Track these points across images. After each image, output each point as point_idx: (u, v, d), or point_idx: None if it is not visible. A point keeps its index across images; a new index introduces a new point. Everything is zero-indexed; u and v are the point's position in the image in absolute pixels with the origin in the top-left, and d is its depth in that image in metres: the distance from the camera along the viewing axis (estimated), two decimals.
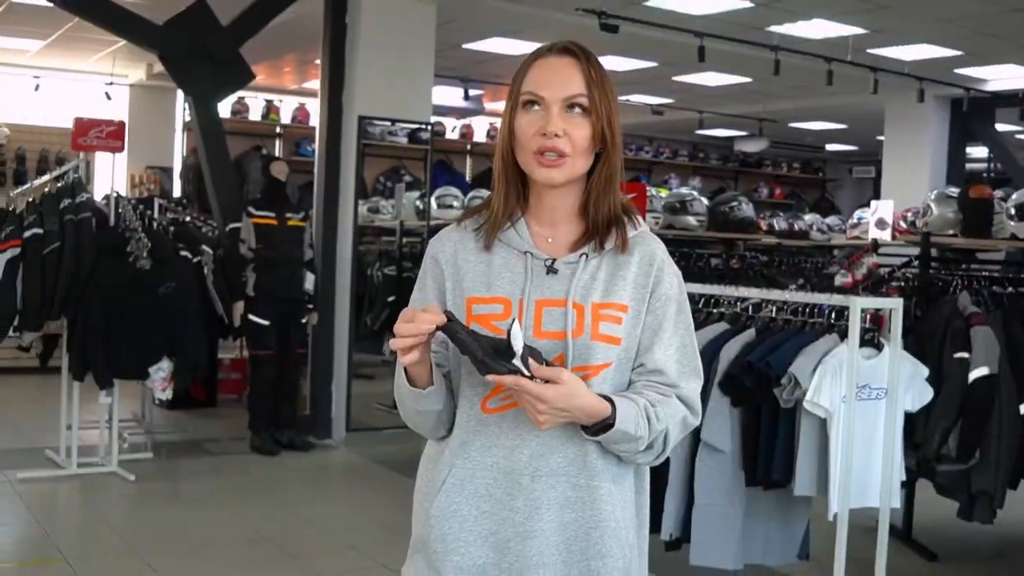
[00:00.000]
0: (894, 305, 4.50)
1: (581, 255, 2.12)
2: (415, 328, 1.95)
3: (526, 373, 1.93)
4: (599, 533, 2.08)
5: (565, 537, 2.07)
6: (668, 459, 4.53)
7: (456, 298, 2.13)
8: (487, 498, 2.08)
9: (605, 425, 2.00)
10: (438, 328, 1.96)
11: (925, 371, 4.75)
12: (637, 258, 2.15)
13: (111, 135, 7.56)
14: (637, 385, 2.12)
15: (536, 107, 2.08)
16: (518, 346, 1.93)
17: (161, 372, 7.24)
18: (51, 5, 8.76)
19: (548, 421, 1.96)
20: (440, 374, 2.10)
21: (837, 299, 4.47)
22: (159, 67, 11.70)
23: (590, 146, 2.10)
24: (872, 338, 4.48)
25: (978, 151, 16.07)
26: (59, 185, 7.31)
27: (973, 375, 5.41)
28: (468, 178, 16.30)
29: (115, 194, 7.53)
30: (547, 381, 1.94)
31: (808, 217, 11.68)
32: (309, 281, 8.33)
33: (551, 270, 2.11)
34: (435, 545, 2.10)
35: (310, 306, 8.41)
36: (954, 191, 7.10)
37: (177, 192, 14.21)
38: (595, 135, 2.09)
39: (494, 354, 1.94)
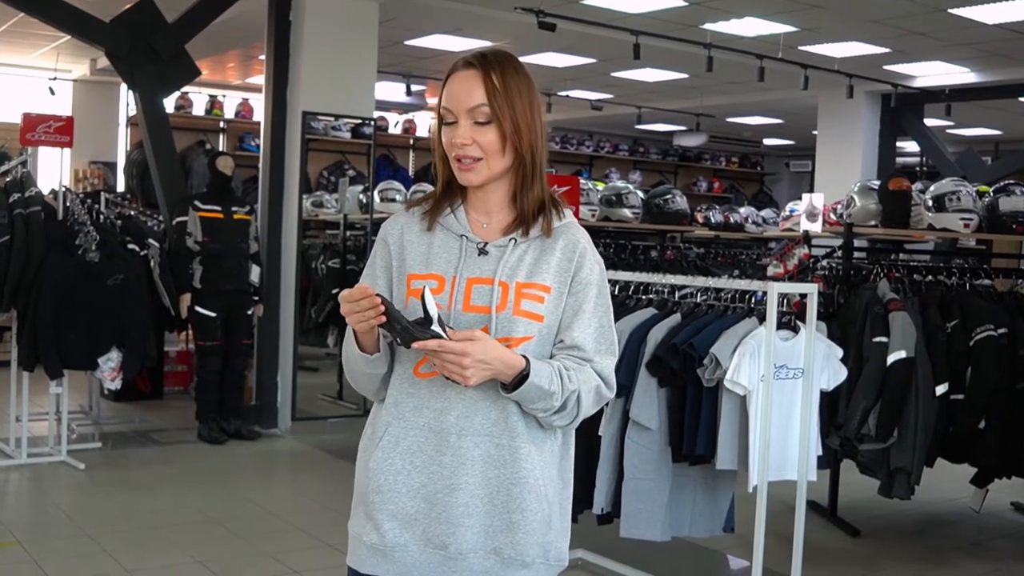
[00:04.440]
0: (810, 290, 4.77)
1: (510, 239, 2.37)
2: (363, 317, 2.19)
3: (444, 336, 2.17)
4: (519, 489, 2.31)
5: (488, 491, 2.31)
6: (599, 437, 4.80)
7: (399, 274, 2.39)
8: (419, 454, 2.32)
9: (522, 377, 2.22)
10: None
11: (839, 352, 5.01)
12: (561, 245, 2.39)
13: (59, 130, 7.66)
14: (555, 357, 2.35)
15: (451, 120, 2.34)
16: (433, 310, 2.17)
17: (110, 363, 7.37)
18: None
19: (475, 375, 2.18)
20: (385, 342, 2.34)
21: (756, 285, 4.73)
22: (103, 62, 11.75)
23: (500, 148, 2.34)
24: (789, 321, 4.75)
25: (911, 146, 16.43)
26: (7, 180, 7.42)
27: (891, 358, 5.71)
28: (411, 172, 16.46)
29: (63, 188, 7.64)
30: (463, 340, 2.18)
31: (743, 210, 11.93)
32: (255, 273, 8.49)
33: (482, 251, 2.36)
34: (373, 496, 2.35)
35: (255, 298, 8.58)
36: (875, 183, 7.37)
37: (121, 187, 14.23)
38: (503, 138, 2.33)
39: (414, 325, 2.18)
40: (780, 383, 4.65)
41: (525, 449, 2.32)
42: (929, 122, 14.53)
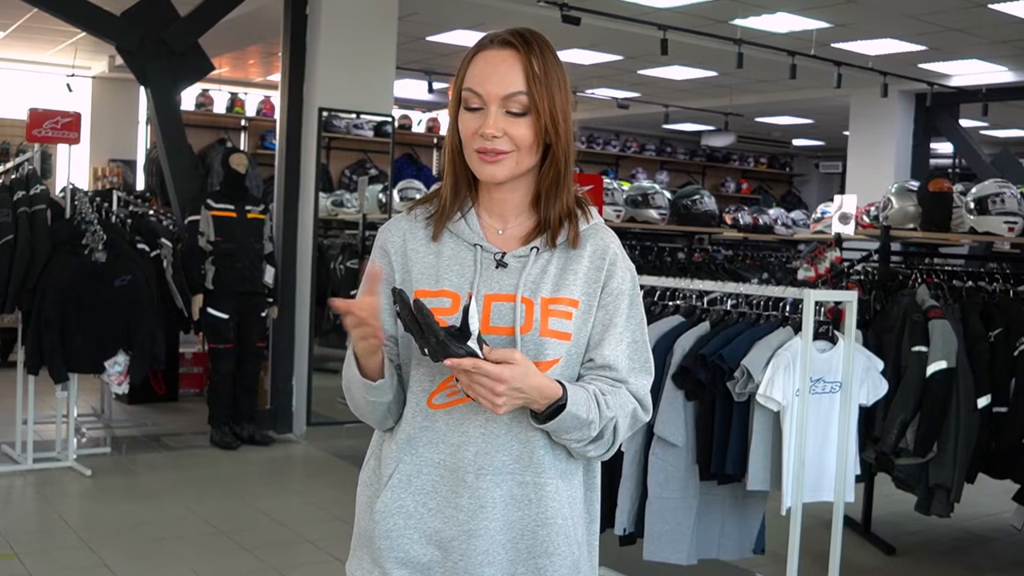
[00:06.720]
0: (849, 298, 4.49)
1: (532, 249, 2.07)
2: (363, 333, 1.94)
3: (481, 355, 1.88)
4: (546, 531, 2.04)
5: (511, 536, 2.03)
6: (621, 453, 4.52)
7: (404, 290, 2.07)
8: (433, 495, 2.04)
9: (558, 407, 1.95)
10: (396, 299, 1.90)
11: (880, 364, 4.73)
12: (589, 252, 2.10)
13: (67, 126, 7.46)
14: (586, 379, 2.07)
15: (477, 105, 2.02)
16: (475, 326, 1.88)
17: (117, 366, 7.17)
18: None
19: (506, 404, 1.90)
20: (392, 367, 2.06)
21: (791, 292, 4.45)
22: (121, 59, 11.63)
23: (534, 143, 2.03)
24: (826, 331, 4.47)
25: (945, 147, 16.16)
26: (13, 177, 7.24)
27: (931, 369, 5.44)
28: (434, 171, 16.26)
29: (71, 186, 7.46)
30: (499, 363, 1.88)
31: (772, 211, 11.65)
32: (269, 274, 8.26)
33: (500, 264, 2.06)
34: (380, 541, 2.06)
35: (270, 300, 8.36)
36: (914, 185, 7.09)
37: (140, 185, 14.09)
38: (538, 132, 2.02)
39: (449, 338, 1.88)
40: (816, 398, 4.37)
41: (552, 485, 2.04)
42: (964, 122, 14.23)
